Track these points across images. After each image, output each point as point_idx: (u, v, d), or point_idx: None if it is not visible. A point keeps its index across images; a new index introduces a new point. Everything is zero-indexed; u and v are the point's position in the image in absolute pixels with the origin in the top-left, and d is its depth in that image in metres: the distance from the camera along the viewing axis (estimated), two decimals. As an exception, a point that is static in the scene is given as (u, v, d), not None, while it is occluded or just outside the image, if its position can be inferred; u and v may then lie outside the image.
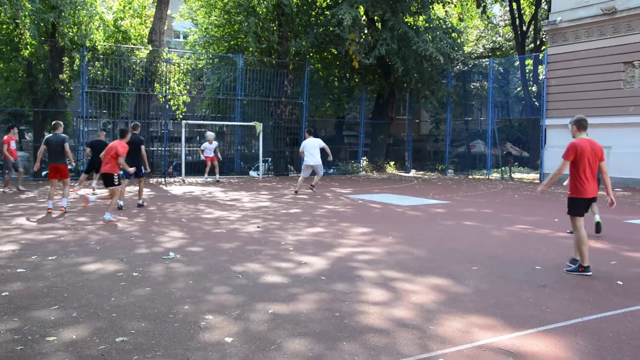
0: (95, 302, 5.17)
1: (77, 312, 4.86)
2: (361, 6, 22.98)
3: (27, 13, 19.13)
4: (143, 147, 12.80)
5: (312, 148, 16.01)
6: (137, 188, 13.56)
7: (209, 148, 20.14)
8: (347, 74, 28.19)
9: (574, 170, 6.78)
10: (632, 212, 12.89)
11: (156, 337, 4.28)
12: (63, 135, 11.79)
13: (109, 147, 10.82)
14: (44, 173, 19.18)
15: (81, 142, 21.25)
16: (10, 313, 4.82)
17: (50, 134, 11.79)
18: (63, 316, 4.75)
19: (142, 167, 12.67)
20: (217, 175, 20.83)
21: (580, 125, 7.03)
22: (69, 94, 22.32)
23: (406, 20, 25.48)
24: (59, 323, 4.57)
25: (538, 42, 31.81)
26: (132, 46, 22.77)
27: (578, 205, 6.89)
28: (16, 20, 19.88)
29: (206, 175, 20.68)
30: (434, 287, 5.87)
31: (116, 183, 10.71)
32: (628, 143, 19.79)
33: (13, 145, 15.98)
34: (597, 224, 9.66)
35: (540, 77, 24.84)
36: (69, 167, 11.86)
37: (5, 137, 15.77)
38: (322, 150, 16.19)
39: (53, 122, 11.99)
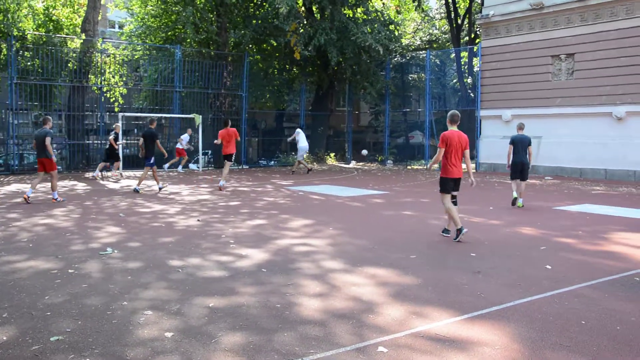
0: (27, 301, 5.02)
1: (7, 312, 4.70)
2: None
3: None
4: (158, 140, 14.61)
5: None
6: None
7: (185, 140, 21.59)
8: (287, 66, 28.12)
9: (444, 155, 8.16)
10: (560, 199, 13.49)
11: (93, 335, 4.20)
12: (46, 129, 12.22)
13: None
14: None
15: (11, 135, 20.40)
16: (-64, 315, 4.62)
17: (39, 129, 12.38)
18: (-7, 317, 4.59)
19: (152, 157, 14.34)
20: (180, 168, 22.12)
21: (452, 119, 8.25)
22: (-4, 85, 21.35)
23: (345, 12, 25.61)
24: (-11, 324, 4.42)
25: (473, 35, 32.64)
26: (64, 36, 21.97)
27: (446, 184, 8.25)
28: None
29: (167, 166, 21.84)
30: (373, 277, 5.98)
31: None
32: (557, 133, 20.70)
33: None
34: (515, 199, 11.89)
35: (475, 70, 25.53)
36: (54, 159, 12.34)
37: None
38: None
39: (42, 117, 12.66)
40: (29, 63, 20.76)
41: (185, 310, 4.80)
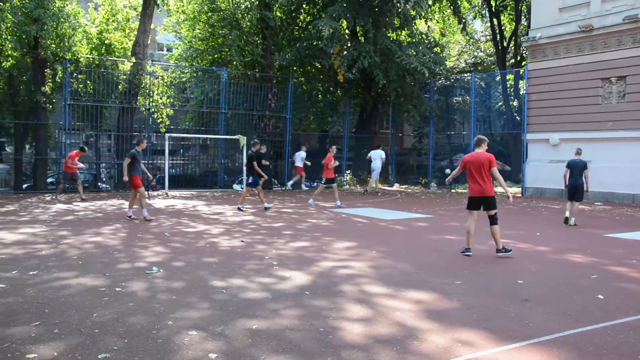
0: (76, 318, 5.12)
1: (58, 329, 4.80)
2: (343, 19, 23.19)
3: (8, 25, 19.03)
4: (251, 162, 15.11)
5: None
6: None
7: (298, 157, 22.57)
8: (331, 88, 28.32)
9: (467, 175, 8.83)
10: (611, 226, 13.07)
11: (139, 354, 4.25)
12: (132, 150, 12.99)
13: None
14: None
15: (63, 154, 21.06)
16: (-11, 330, 4.76)
17: (135, 149, 12.92)
18: (44, 333, 4.70)
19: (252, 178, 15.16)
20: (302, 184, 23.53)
21: (475, 142, 8.97)
22: (51, 106, 22.14)
23: (389, 35, 25.70)
24: (40, 340, 4.52)
25: (519, 58, 32.26)
26: (115, 59, 22.70)
27: (468, 201, 8.95)
28: (-3, 33, 19.78)
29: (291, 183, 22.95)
30: (417, 302, 5.89)
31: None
32: (607, 157, 20.10)
33: (77, 160, 17.67)
34: (566, 219, 12.91)
35: (521, 92, 25.16)
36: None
37: (73, 153, 17.62)
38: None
39: (137, 138, 13.77)
40: (81, 85, 21.51)
41: (229, 331, 4.82)
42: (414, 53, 24.02)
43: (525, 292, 6.42)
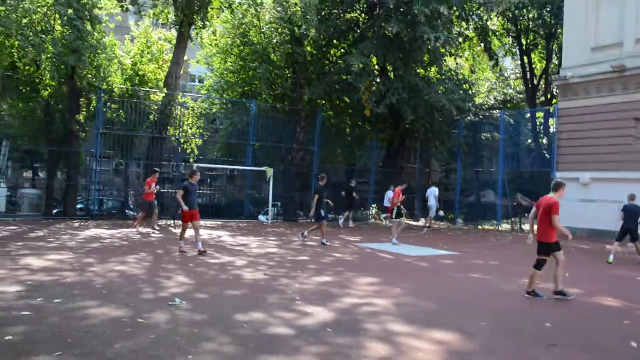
0: (99, 348, 5.13)
1: (79, 359, 4.81)
2: (372, 55, 23.38)
3: (48, 55, 19.65)
4: (317, 195, 15.16)
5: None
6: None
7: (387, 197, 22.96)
8: (359, 122, 28.43)
9: None
10: (644, 270, 12.70)
11: (158, 388, 4.24)
12: (185, 182, 12.72)
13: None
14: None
15: (93, 181, 21.44)
16: (12, 358, 4.78)
17: (188, 181, 12.56)
18: (65, 362, 4.72)
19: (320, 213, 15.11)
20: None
21: (551, 186, 9.21)
22: (84, 134, 22.66)
23: (418, 71, 25.82)
24: (61, 369, 4.54)
25: (549, 96, 32.04)
26: (148, 89, 23.19)
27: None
28: (37, 62, 20.42)
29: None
30: (441, 342, 5.77)
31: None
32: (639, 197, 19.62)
33: (153, 187, 17.28)
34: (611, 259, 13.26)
35: (551, 130, 24.93)
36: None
37: (148, 179, 17.31)
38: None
39: (189, 171, 13.44)
40: (114, 114, 22.00)
41: (249, 367, 4.78)
42: (443, 90, 24.02)
43: (553, 336, 6.24)
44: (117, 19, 25.22)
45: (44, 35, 19.53)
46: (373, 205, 27.41)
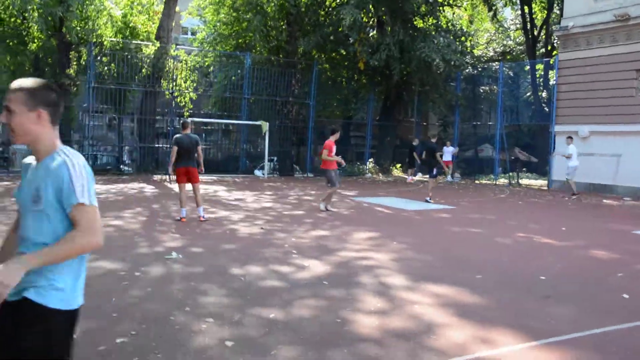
0: (95, 302, 5.10)
1: (75, 313, 4.80)
2: (371, 6, 22.88)
3: (35, 7, 19.15)
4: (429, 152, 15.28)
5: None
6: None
7: (448, 152, 23.49)
8: (355, 75, 28.07)
9: None
10: None
11: (156, 340, 4.26)
12: (195, 135, 10.69)
13: None
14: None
15: (86, 136, 21.24)
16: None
17: (180, 134, 10.44)
18: (60, 316, 4.70)
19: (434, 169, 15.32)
20: (449, 177, 23.95)
21: None
22: (75, 88, 22.31)
23: (415, 22, 25.33)
24: (56, 323, 4.52)
25: (549, 47, 31.54)
26: (139, 42, 22.73)
27: None
28: (24, 14, 19.89)
29: (449, 177, 23.81)
30: (437, 296, 5.78)
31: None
32: (639, 151, 19.55)
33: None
34: None
35: (551, 83, 24.66)
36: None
37: (329, 141, 12.70)
38: None
39: (182, 121, 10.96)
40: (105, 68, 21.61)
41: (246, 320, 4.78)
42: (438, 44, 23.43)
43: (547, 289, 6.26)
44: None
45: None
46: (370, 160, 27.32)
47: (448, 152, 23.79)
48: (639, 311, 5.52)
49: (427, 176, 15.49)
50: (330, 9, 26.44)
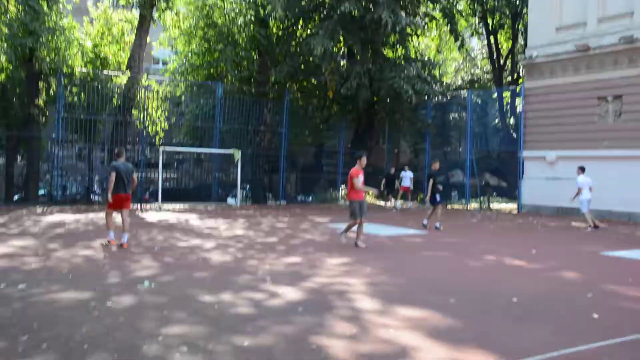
0: (66, 332, 5.01)
1: (46, 343, 4.70)
2: (341, 36, 23.20)
3: (3, 37, 18.97)
4: (432, 179, 15.17)
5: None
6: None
7: (406, 177, 23.60)
8: (327, 103, 28.31)
9: None
10: (607, 244, 12.98)
11: (126, 371, 4.16)
12: (130, 164, 10.95)
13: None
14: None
15: (55, 166, 20.93)
16: (-27, 345, 4.64)
17: (117, 161, 10.67)
18: (32, 347, 4.61)
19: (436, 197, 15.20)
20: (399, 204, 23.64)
21: None
22: (44, 118, 22.01)
23: (385, 52, 25.74)
24: (27, 354, 4.43)
25: (515, 75, 32.36)
26: (110, 72, 22.61)
27: None
28: (-9, 45, 19.70)
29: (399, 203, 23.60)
30: (409, 319, 5.80)
31: None
32: (604, 175, 19.94)
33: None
34: None
35: (518, 110, 25.22)
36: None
37: (355, 169, 12.54)
38: None
39: (117, 150, 11.16)
40: (75, 98, 21.39)
41: (219, 348, 4.73)
42: (408, 73, 23.77)
43: (519, 310, 6.33)
44: (75, 1, 24.48)
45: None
46: (342, 186, 27.40)
47: (407, 178, 23.83)
48: (609, 330, 5.61)
49: (431, 204, 15.31)
50: (301, 39, 26.75)
